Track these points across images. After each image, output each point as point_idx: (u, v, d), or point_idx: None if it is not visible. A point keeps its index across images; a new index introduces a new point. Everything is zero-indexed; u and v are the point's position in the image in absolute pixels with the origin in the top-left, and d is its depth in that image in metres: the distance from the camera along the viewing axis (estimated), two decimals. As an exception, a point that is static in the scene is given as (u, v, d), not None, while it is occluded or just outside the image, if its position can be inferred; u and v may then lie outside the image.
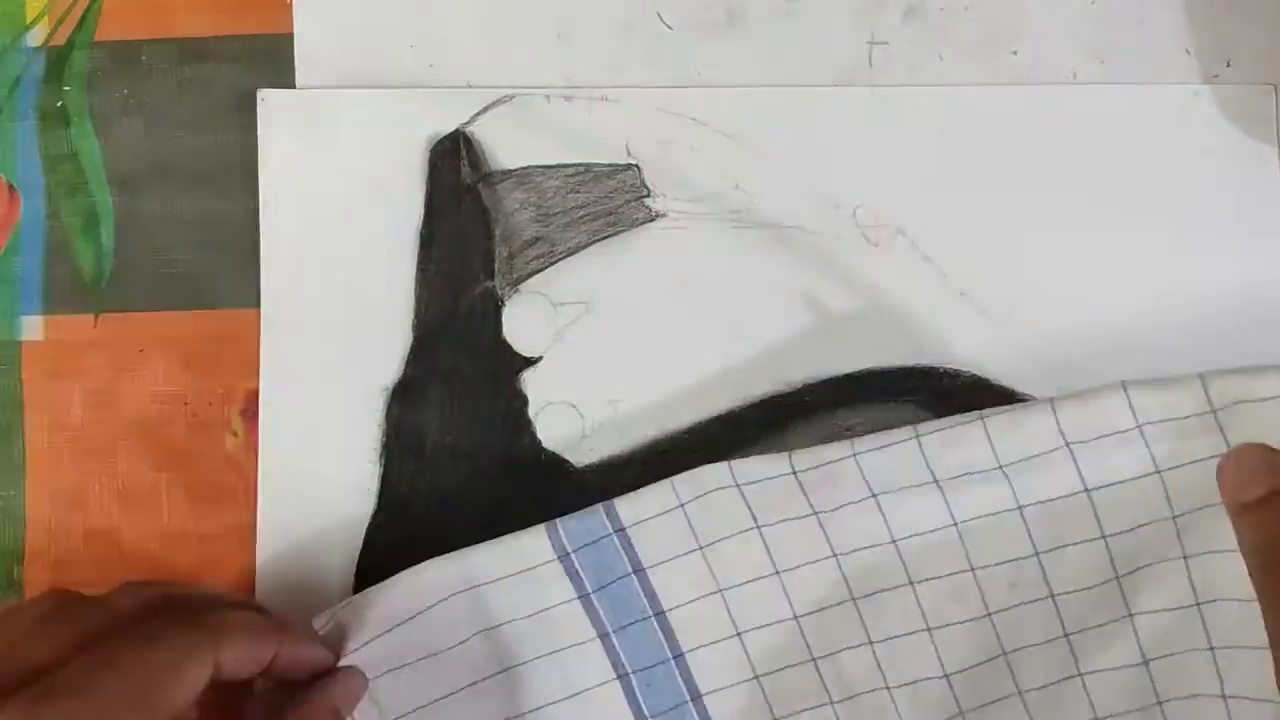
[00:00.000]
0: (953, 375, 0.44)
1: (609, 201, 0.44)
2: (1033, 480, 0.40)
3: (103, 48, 0.45)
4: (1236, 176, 0.44)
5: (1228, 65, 0.44)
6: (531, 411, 0.44)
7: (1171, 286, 0.44)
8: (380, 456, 0.44)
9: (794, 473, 0.40)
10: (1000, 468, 0.40)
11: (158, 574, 0.45)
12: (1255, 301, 0.44)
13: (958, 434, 0.40)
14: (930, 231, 0.44)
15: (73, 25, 0.45)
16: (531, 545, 0.41)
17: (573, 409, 0.44)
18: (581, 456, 0.44)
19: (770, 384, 0.44)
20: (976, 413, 0.40)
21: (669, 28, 0.45)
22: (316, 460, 0.44)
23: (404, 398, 0.44)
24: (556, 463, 0.44)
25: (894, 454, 0.40)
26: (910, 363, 0.44)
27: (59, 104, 0.45)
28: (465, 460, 0.44)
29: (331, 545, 0.44)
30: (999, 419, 0.40)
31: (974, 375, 0.44)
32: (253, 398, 0.45)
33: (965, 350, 0.44)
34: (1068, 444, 0.40)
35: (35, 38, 0.45)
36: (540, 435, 0.44)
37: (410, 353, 0.44)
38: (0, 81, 0.45)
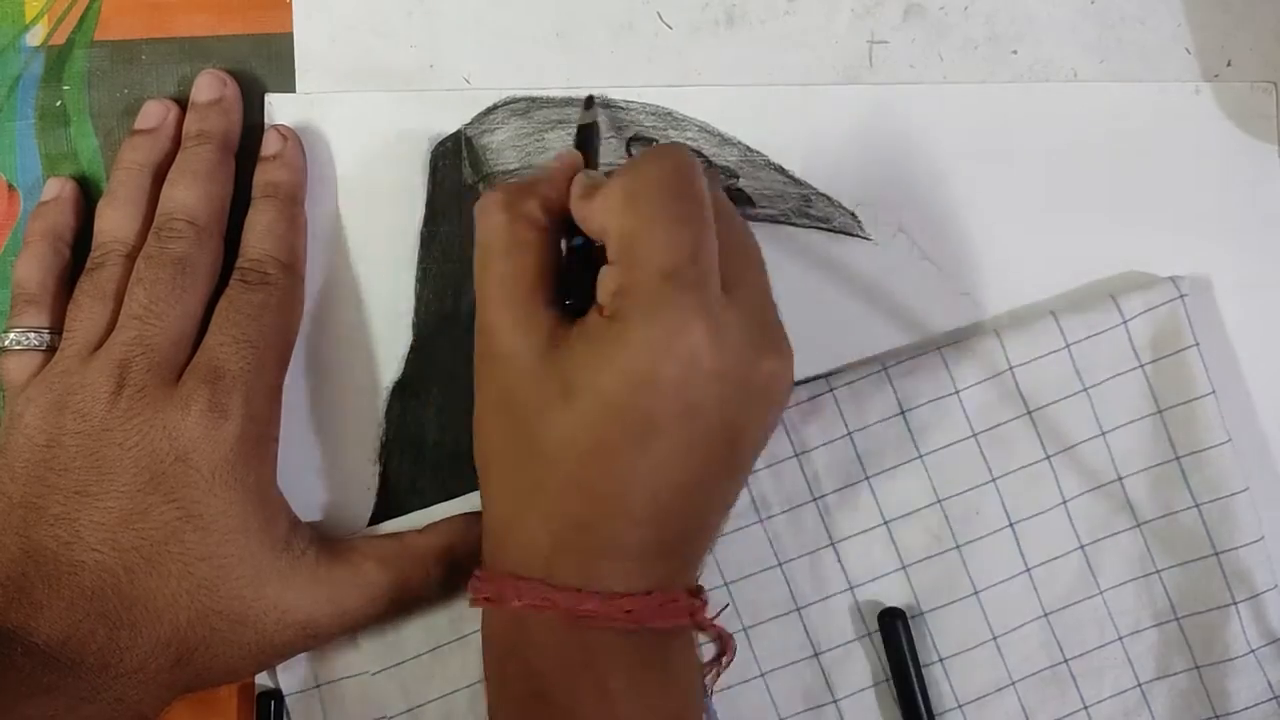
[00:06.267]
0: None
1: (609, 201, 0.44)
2: (985, 404, 0.43)
3: (102, 47, 0.45)
4: (1236, 176, 0.44)
5: (1228, 65, 0.44)
6: (532, 411, 0.44)
7: (1171, 286, 0.44)
8: (380, 456, 0.44)
9: None
10: (956, 393, 0.43)
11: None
12: (1255, 299, 0.44)
13: (919, 363, 0.43)
14: (930, 231, 0.44)
15: (72, 25, 0.45)
16: None
17: (573, 409, 0.44)
18: (582, 456, 0.44)
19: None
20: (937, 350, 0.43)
21: (669, 27, 0.45)
22: (316, 460, 0.44)
23: (404, 397, 0.44)
24: (557, 462, 0.44)
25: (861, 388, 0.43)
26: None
27: (59, 104, 0.45)
28: (465, 460, 0.44)
29: (332, 545, 0.44)
30: (951, 349, 0.43)
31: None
32: (253, 397, 0.45)
33: (965, 350, 0.44)
34: (1011, 367, 0.43)
35: (35, 37, 0.45)
36: (540, 435, 0.44)
37: (410, 353, 0.44)
38: (0, 81, 0.45)
